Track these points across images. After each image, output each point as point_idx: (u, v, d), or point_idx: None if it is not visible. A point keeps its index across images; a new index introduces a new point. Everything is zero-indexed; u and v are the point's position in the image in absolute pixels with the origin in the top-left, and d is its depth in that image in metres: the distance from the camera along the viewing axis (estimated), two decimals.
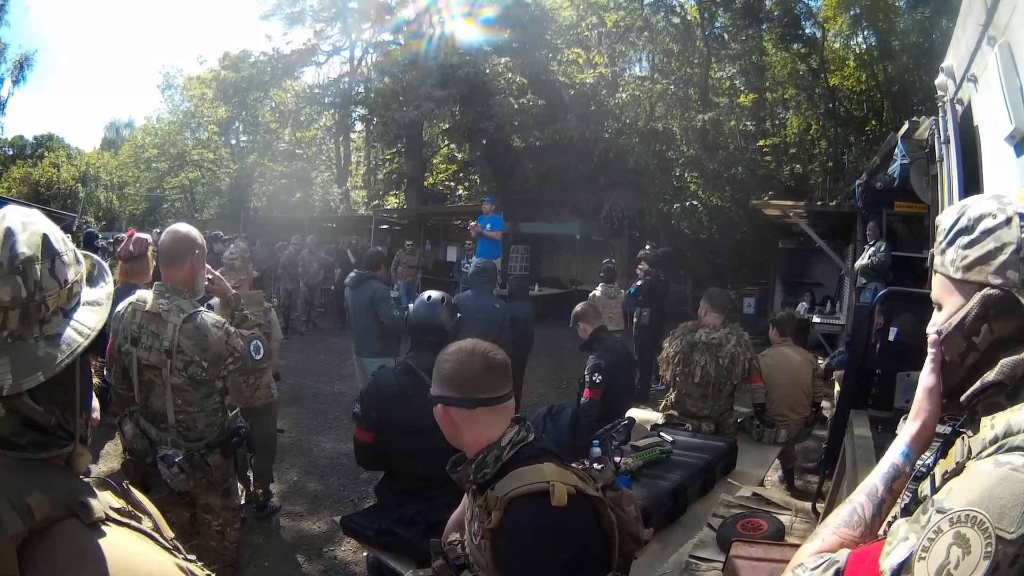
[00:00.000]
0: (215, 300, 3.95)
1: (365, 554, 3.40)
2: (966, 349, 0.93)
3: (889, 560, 0.78)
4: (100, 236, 7.39)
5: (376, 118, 16.65)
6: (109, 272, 0.93)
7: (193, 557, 0.95)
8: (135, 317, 2.55)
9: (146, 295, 2.60)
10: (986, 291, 0.89)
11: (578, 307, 4.45)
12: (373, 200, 21.65)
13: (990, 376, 0.89)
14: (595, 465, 1.65)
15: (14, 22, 26.85)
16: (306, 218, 17.72)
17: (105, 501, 0.82)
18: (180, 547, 0.92)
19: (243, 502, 4.08)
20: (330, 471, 5.20)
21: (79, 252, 0.88)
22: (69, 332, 0.80)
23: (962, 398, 0.93)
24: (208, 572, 0.96)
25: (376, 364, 4.89)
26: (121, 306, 2.62)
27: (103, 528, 0.78)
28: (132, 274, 3.55)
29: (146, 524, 0.88)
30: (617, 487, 1.65)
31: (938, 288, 0.97)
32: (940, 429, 2.56)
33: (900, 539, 0.79)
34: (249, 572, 3.67)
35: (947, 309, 0.96)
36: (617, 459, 2.79)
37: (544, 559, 1.34)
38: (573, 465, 1.54)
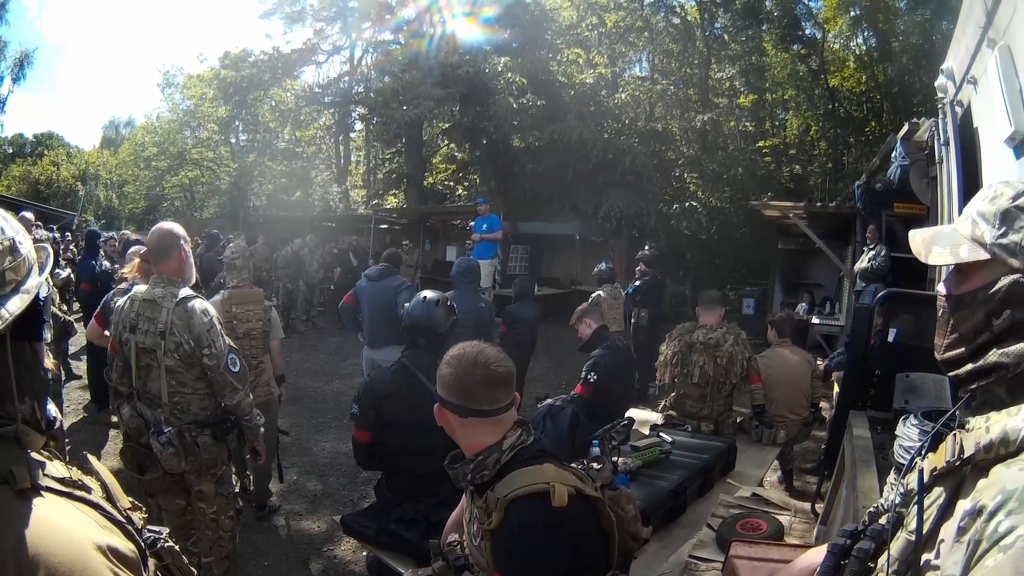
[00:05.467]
0: (217, 297, 4.00)
1: (365, 553, 3.41)
2: (982, 326, 0.91)
3: None
4: (102, 235, 7.35)
5: (376, 117, 16.61)
6: (49, 265, 0.96)
7: (162, 531, 1.01)
8: (133, 307, 2.75)
9: (142, 288, 2.82)
10: (1017, 277, 0.88)
11: (581, 307, 4.45)
12: (372, 199, 21.63)
13: (994, 356, 0.88)
14: (594, 464, 1.65)
15: (14, 20, 26.79)
16: (306, 217, 17.71)
17: (47, 471, 0.86)
18: (133, 519, 0.96)
19: (237, 490, 4.10)
20: (330, 470, 5.20)
21: (26, 240, 0.91)
22: None
23: (962, 370, 0.93)
24: (168, 545, 1.00)
25: (391, 354, 4.91)
26: (120, 301, 2.87)
27: (32, 497, 0.81)
28: (150, 273, 3.58)
29: (96, 494, 0.91)
30: (615, 486, 1.66)
31: (968, 252, 0.94)
32: (917, 423, 2.54)
33: None
34: (249, 571, 3.67)
35: (976, 279, 0.93)
36: (616, 459, 2.79)
37: (544, 559, 1.34)
38: (572, 465, 1.54)
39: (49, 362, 0.92)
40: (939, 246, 0.98)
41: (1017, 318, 0.88)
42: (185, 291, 2.75)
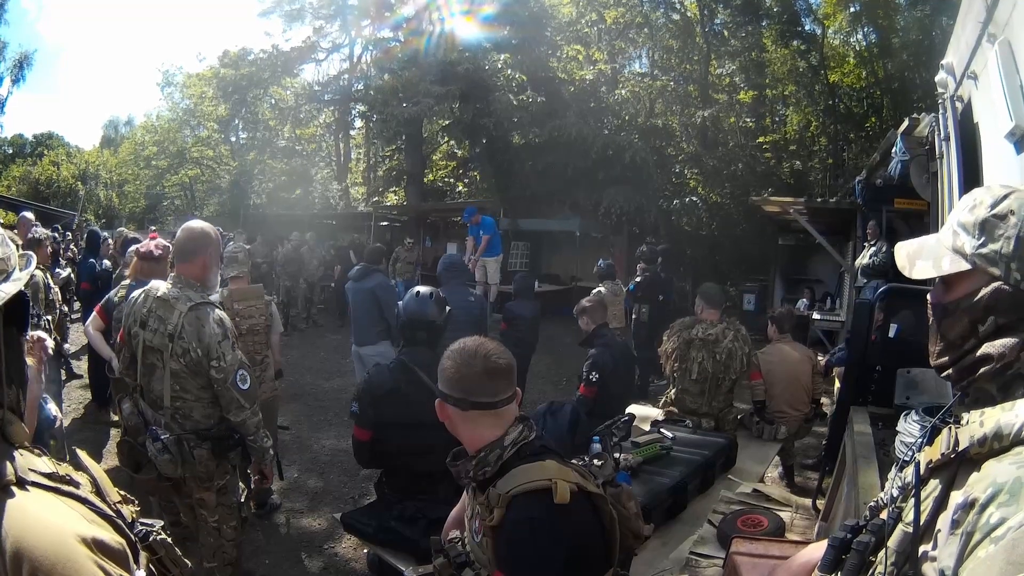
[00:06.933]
0: (215, 296, 3.97)
1: (365, 551, 3.41)
2: (968, 332, 0.94)
3: None
4: (102, 234, 7.37)
5: (376, 115, 16.57)
6: (31, 264, 0.99)
7: (155, 524, 1.02)
8: (146, 302, 2.67)
9: (160, 284, 2.73)
10: (999, 285, 0.90)
11: (584, 301, 4.45)
12: (373, 197, 21.61)
13: (979, 350, 0.91)
14: (595, 461, 1.65)
15: (13, 22, 26.73)
16: (306, 215, 17.69)
17: (30, 466, 0.88)
18: (123, 512, 0.97)
19: (243, 499, 4.09)
20: (330, 468, 5.21)
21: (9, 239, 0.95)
22: None
23: (952, 369, 0.96)
24: (161, 538, 1.01)
25: (376, 352, 4.95)
26: (135, 294, 2.79)
27: (15, 491, 0.83)
28: (147, 273, 3.58)
29: (85, 489, 0.93)
30: (617, 483, 1.66)
31: (950, 263, 0.95)
32: (918, 419, 2.54)
33: None
34: (249, 569, 3.67)
35: (959, 288, 0.95)
36: (617, 455, 2.79)
37: (545, 556, 1.34)
38: (573, 461, 1.54)
39: (49, 341, 0.95)
40: (922, 259, 1.01)
41: (1000, 323, 0.90)
42: (200, 296, 2.66)
